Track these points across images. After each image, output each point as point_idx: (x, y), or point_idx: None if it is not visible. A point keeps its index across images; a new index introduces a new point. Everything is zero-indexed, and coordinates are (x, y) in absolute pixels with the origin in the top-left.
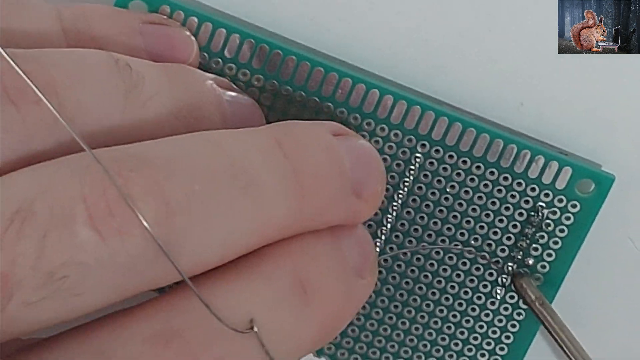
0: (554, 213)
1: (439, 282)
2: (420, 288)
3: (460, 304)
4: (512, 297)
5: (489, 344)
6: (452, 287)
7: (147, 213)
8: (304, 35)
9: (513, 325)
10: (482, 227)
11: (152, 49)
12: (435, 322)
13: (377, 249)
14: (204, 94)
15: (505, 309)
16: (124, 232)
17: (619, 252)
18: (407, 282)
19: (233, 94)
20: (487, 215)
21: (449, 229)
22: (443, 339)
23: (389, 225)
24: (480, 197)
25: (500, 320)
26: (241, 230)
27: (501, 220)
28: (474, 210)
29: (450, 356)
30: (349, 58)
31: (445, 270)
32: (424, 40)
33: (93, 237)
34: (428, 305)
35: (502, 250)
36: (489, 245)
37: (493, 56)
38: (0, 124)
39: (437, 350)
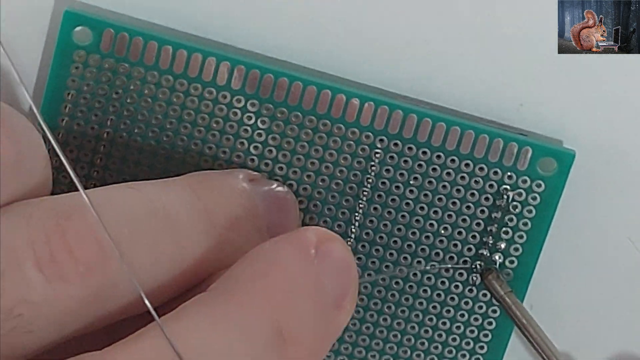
0: (520, 195)
1: (411, 287)
2: (392, 295)
3: (434, 307)
4: (485, 295)
5: (468, 343)
6: (425, 291)
7: (84, 259)
8: (301, 37)
9: (489, 323)
10: (450, 216)
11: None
12: (413, 327)
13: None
14: (234, 196)
15: (480, 307)
16: (65, 278)
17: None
18: (379, 291)
19: (265, 188)
20: (454, 203)
21: (417, 221)
22: (422, 344)
23: (357, 223)
24: (444, 186)
25: (476, 319)
26: (166, 262)
27: (468, 207)
28: (440, 199)
29: None
30: (348, 59)
31: (415, 275)
32: (424, 41)
33: (40, 279)
34: (403, 312)
35: (473, 237)
36: (460, 233)
37: (493, 56)
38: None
39: (418, 355)
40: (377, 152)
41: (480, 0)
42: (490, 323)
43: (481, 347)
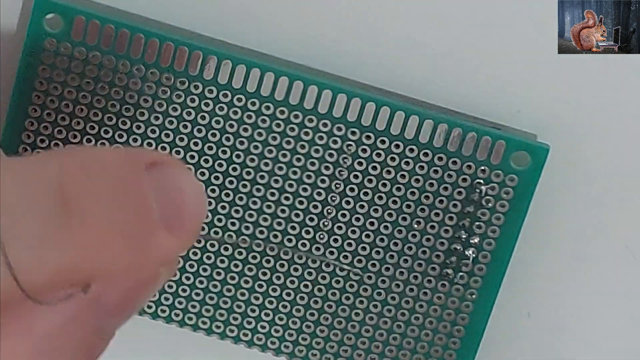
0: (493, 189)
1: (383, 281)
2: (365, 290)
3: (407, 302)
4: (457, 290)
5: (440, 339)
6: (397, 286)
7: None
8: (297, 41)
9: (462, 319)
10: (422, 210)
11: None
12: (385, 322)
13: (321, 243)
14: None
15: (453, 302)
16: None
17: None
18: (351, 285)
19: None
20: (427, 197)
21: (389, 214)
22: (394, 339)
23: (329, 217)
24: (417, 180)
25: (449, 314)
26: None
27: (441, 202)
28: (412, 193)
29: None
30: (345, 63)
31: (387, 269)
32: (421, 44)
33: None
34: (375, 306)
35: (446, 231)
36: (432, 227)
37: (492, 57)
38: None
39: (391, 351)
40: (350, 145)
41: (480, 0)
42: (463, 318)
43: (454, 343)
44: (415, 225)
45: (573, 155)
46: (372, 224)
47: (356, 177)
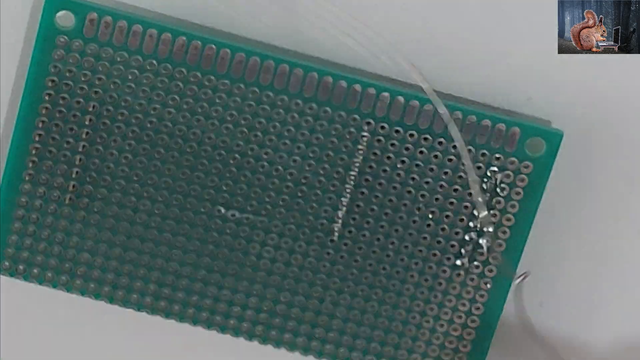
0: (508, 176)
1: (398, 272)
2: (380, 281)
3: (422, 292)
4: (472, 280)
5: (455, 329)
6: (412, 276)
7: None
8: (306, 32)
9: (477, 308)
10: (437, 199)
11: None
12: (400, 314)
13: (336, 235)
14: None
15: (468, 292)
16: None
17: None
18: (366, 277)
19: None
20: (441, 186)
21: (404, 204)
22: (410, 330)
23: (344, 208)
24: (431, 169)
25: (463, 305)
26: None
27: (456, 190)
28: (427, 182)
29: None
30: (355, 55)
31: (402, 260)
32: (431, 36)
33: None
34: (390, 298)
35: (461, 220)
36: (447, 216)
37: (492, 57)
38: None
39: (406, 342)
40: (364, 135)
41: (480, 0)
42: (477, 308)
43: (469, 333)
44: (430, 215)
45: (581, 153)
46: (386, 214)
47: (371, 167)
